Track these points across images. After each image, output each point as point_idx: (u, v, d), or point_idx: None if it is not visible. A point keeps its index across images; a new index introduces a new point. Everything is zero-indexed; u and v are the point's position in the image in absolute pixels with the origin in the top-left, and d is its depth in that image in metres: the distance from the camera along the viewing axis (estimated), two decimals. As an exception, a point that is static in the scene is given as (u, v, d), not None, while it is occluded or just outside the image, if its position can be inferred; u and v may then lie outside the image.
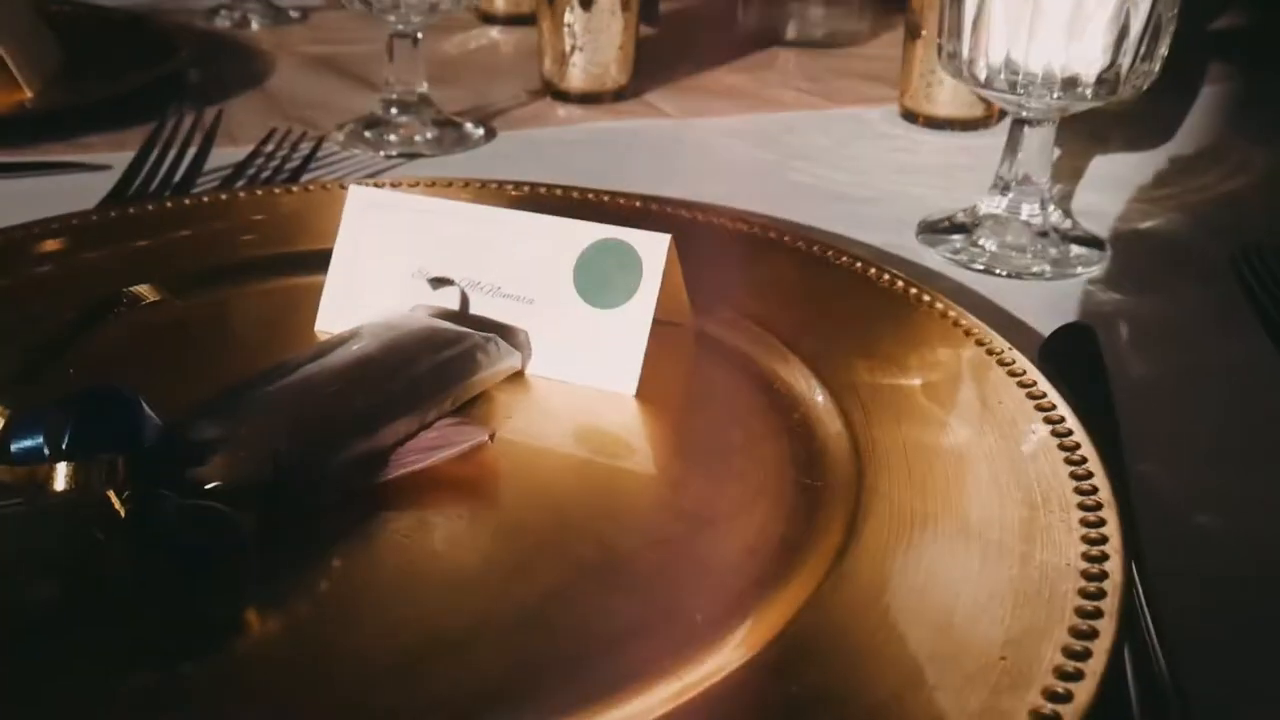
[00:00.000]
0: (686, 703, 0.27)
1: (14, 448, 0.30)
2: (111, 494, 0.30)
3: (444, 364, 0.40)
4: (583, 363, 0.43)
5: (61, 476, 0.29)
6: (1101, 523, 0.32)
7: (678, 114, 0.84)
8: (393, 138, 0.73)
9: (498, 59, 0.99)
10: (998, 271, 0.57)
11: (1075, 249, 0.58)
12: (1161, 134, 0.82)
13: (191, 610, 0.31)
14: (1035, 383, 0.40)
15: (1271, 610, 0.35)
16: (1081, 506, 0.33)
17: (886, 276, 0.48)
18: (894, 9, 0.85)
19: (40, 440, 0.30)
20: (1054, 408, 0.38)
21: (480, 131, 0.76)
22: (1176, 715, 0.28)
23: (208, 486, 0.32)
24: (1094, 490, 0.34)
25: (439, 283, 0.45)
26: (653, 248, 0.42)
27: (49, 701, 0.28)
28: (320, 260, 0.47)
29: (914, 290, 0.47)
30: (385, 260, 0.45)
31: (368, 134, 0.73)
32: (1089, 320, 0.51)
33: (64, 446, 0.30)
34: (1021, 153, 0.57)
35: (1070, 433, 0.37)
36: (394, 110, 0.74)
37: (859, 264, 0.50)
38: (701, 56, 0.99)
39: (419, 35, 0.72)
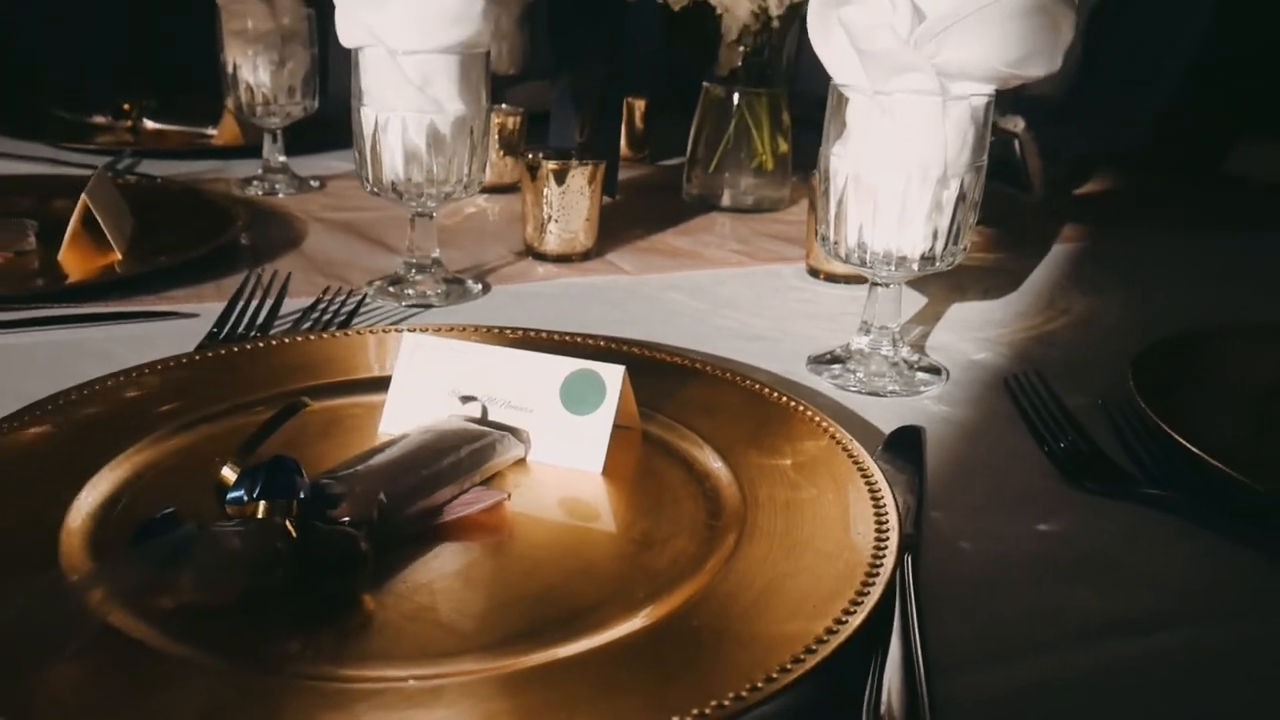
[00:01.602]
0: (632, 634, 0.47)
1: (229, 497, 0.50)
2: (287, 522, 0.50)
3: (474, 452, 0.60)
4: (565, 451, 0.63)
5: (261, 510, 0.49)
6: (887, 539, 0.53)
7: (634, 271, 1.05)
8: (411, 292, 0.93)
9: (486, 224, 1.20)
10: (863, 392, 0.78)
11: (921, 375, 0.80)
12: (1010, 285, 1.05)
13: (331, 592, 0.50)
14: (864, 462, 0.61)
15: (992, 590, 0.55)
16: (878, 531, 0.54)
17: (775, 394, 0.69)
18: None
19: (242, 493, 0.50)
20: (873, 476, 0.59)
21: (479, 287, 0.97)
22: (916, 641, 0.48)
23: (340, 521, 0.52)
24: (886, 522, 0.55)
25: (467, 399, 0.65)
26: (612, 375, 0.63)
27: (244, 641, 0.47)
28: (375, 383, 0.68)
29: (793, 403, 0.68)
30: (428, 384, 0.66)
31: (391, 289, 0.94)
32: (921, 424, 0.72)
33: (256, 495, 0.50)
34: (878, 305, 0.79)
35: (879, 490, 0.58)
36: (413, 271, 0.95)
37: (757, 385, 0.71)
38: (652, 222, 1.21)
39: (434, 214, 0.94)
